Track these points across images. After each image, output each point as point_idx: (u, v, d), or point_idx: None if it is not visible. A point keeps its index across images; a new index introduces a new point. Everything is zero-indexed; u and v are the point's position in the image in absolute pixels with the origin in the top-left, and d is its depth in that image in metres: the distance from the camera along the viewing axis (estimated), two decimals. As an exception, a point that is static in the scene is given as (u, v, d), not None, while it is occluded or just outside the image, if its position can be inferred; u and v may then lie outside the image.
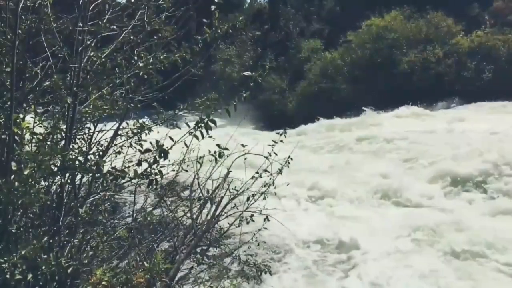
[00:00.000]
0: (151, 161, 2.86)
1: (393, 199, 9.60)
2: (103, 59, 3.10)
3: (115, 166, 2.94)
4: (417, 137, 13.77)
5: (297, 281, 6.54)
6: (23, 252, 2.28)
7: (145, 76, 3.12)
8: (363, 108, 19.43)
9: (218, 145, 3.32)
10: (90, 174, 2.72)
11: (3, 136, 2.56)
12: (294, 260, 7.11)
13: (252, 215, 4.07)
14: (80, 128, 3.26)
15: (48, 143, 2.75)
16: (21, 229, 2.68)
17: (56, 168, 2.52)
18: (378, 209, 9.30)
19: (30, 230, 2.78)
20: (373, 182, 10.30)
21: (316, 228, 8.12)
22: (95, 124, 3.28)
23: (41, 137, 2.76)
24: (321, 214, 9.16)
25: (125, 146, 3.43)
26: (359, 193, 9.94)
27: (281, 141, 4.13)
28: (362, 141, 15.06)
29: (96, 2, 3.08)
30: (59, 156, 2.47)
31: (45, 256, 2.34)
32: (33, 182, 2.47)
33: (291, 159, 4.27)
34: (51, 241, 2.63)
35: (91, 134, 3.25)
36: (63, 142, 2.87)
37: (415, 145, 13.05)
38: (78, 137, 3.26)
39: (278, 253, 7.29)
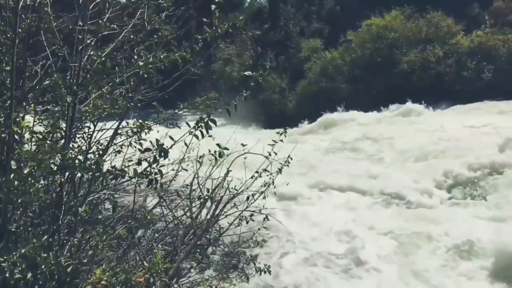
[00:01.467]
0: (151, 160, 2.86)
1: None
2: (103, 58, 3.09)
3: (115, 165, 2.94)
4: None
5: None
6: (22, 251, 2.28)
7: (145, 75, 3.11)
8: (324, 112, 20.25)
9: (218, 145, 3.32)
10: (90, 173, 2.72)
11: (3, 135, 2.56)
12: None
13: (251, 215, 4.08)
14: (80, 127, 3.26)
15: (48, 142, 2.75)
16: (21, 228, 2.68)
17: (55, 167, 2.52)
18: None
19: (30, 229, 2.78)
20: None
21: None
22: (95, 123, 3.28)
23: (40, 136, 2.76)
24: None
25: (125, 145, 3.42)
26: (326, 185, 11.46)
27: (281, 140, 4.13)
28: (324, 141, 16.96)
29: (96, 1, 3.08)
30: (59, 155, 2.47)
31: (45, 255, 2.33)
32: (32, 181, 2.47)
33: (291, 158, 4.27)
34: (50, 240, 2.63)
35: (91, 133, 3.24)
36: (63, 141, 2.87)
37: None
38: (78, 136, 3.26)
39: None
